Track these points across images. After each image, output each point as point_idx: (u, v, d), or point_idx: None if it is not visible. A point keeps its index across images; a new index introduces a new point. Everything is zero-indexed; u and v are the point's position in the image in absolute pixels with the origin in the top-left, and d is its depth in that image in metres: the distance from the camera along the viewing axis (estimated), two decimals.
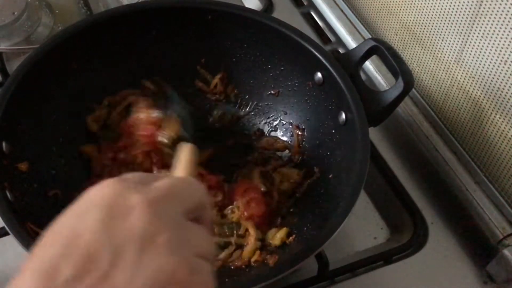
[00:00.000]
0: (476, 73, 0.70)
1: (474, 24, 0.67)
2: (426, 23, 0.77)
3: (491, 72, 0.67)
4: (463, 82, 0.73)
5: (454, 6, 0.70)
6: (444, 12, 0.72)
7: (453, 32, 0.72)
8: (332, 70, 0.67)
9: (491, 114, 0.70)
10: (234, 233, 0.67)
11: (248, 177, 0.73)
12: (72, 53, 0.71)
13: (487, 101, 0.70)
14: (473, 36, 0.68)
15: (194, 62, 0.79)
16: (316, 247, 0.57)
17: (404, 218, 0.74)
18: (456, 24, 0.71)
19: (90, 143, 0.73)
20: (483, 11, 0.65)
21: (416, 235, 0.72)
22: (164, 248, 0.35)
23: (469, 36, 0.69)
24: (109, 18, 0.73)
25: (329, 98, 0.70)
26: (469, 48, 0.70)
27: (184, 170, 0.48)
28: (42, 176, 0.66)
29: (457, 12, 0.70)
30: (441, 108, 0.79)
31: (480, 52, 0.68)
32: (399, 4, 0.82)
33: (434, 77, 0.79)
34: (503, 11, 0.62)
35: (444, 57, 0.76)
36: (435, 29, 0.75)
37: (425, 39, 0.78)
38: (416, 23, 0.79)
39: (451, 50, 0.73)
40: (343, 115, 0.67)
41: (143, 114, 0.72)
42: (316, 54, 0.69)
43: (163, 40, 0.76)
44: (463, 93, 0.74)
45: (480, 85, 0.70)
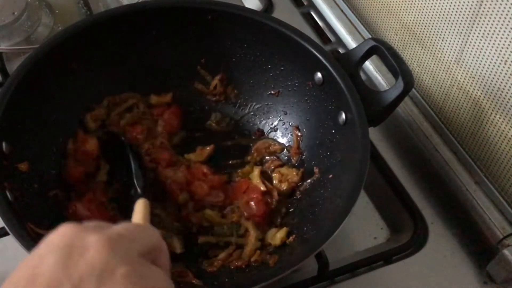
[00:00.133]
0: (476, 73, 0.70)
1: (474, 24, 0.67)
2: (426, 23, 0.77)
3: (491, 72, 0.67)
4: (463, 82, 0.73)
5: (454, 6, 0.70)
6: (444, 12, 0.72)
7: (453, 32, 0.72)
8: (332, 70, 0.67)
9: (491, 114, 0.70)
10: (234, 233, 0.67)
11: (248, 176, 0.73)
12: (72, 53, 0.71)
13: (487, 101, 0.70)
14: (473, 36, 0.68)
15: (194, 62, 0.79)
16: (316, 247, 0.57)
17: (404, 218, 0.74)
18: (456, 24, 0.71)
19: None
20: (483, 11, 0.65)
21: (416, 235, 0.72)
22: (123, 280, 0.37)
23: (469, 36, 0.69)
24: (109, 18, 0.73)
25: (329, 98, 0.70)
26: (469, 48, 0.70)
27: (140, 220, 0.52)
28: (42, 176, 0.66)
29: (457, 12, 0.70)
30: (441, 108, 0.79)
31: (480, 52, 0.68)
32: (399, 4, 0.82)
33: (434, 77, 0.79)
34: (503, 11, 0.62)
35: (444, 57, 0.76)
36: (435, 29, 0.75)
37: (425, 39, 0.78)
38: (416, 23, 0.79)
39: (451, 50, 0.73)
40: (343, 115, 0.67)
41: None
42: (316, 54, 0.69)
43: (163, 40, 0.76)
44: (463, 93, 0.74)
45: (480, 85, 0.70)
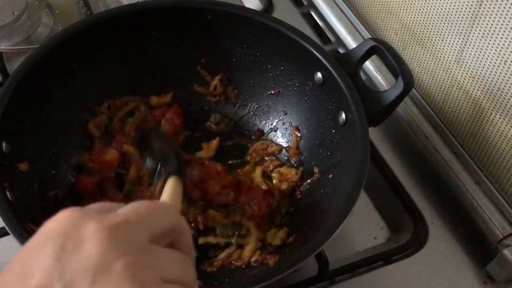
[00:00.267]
0: (476, 73, 0.70)
1: (474, 24, 0.67)
2: (426, 23, 0.77)
3: (491, 72, 0.67)
4: (463, 82, 0.73)
5: (454, 6, 0.70)
6: (444, 12, 0.72)
7: (453, 32, 0.72)
8: (332, 70, 0.67)
9: (491, 114, 0.70)
10: (235, 233, 0.67)
11: (249, 175, 0.73)
12: (72, 53, 0.71)
13: (487, 101, 0.70)
14: (473, 36, 0.68)
15: (194, 62, 0.79)
16: (316, 247, 0.57)
17: (404, 218, 0.74)
18: (456, 24, 0.71)
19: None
20: (483, 11, 0.65)
21: (416, 235, 0.71)
22: (120, 275, 0.34)
23: (469, 36, 0.69)
24: (109, 18, 0.73)
25: (329, 98, 0.70)
26: (469, 48, 0.70)
27: (168, 199, 0.47)
28: (42, 176, 0.66)
29: (457, 12, 0.70)
30: (441, 108, 0.79)
31: (480, 52, 0.68)
32: (399, 4, 0.82)
33: (434, 77, 0.79)
34: (503, 11, 0.62)
35: (444, 57, 0.76)
36: (435, 29, 0.75)
37: (425, 39, 0.78)
38: (416, 23, 0.79)
39: (451, 50, 0.73)
40: (343, 115, 0.67)
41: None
42: (316, 54, 0.69)
43: (163, 40, 0.76)
44: (463, 93, 0.74)
45: (480, 85, 0.70)
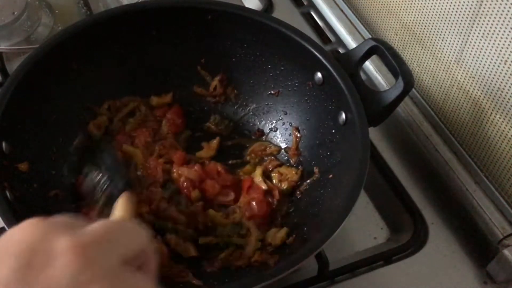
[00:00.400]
0: (476, 73, 0.70)
1: (474, 24, 0.67)
2: (426, 23, 0.77)
3: (491, 72, 0.67)
4: (463, 82, 0.73)
5: (454, 6, 0.70)
6: (444, 12, 0.72)
7: (453, 32, 0.72)
8: (332, 70, 0.67)
9: (491, 114, 0.70)
10: (235, 233, 0.67)
11: (250, 175, 0.73)
12: (72, 53, 0.71)
13: (487, 101, 0.70)
14: (473, 36, 0.68)
15: (194, 62, 0.79)
16: (316, 247, 0.57)
17: (404, 218, 0.74)
18: (456, 24, 0.71)
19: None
20: (483, 11, 0.65)
21: (416, 235, 0.71)
22: None
23: (469, 36, 0.69)
24: (109, 18, 0.73)
25: (329, 98, 0.70)
26: (469, 48, 0.70)
27: (122, 215, 0.44)
28: (42, 176, 0.66)
29: (457, 12, 0.70)
30: (441, 108, 0.79)
31: (480, 52, 0.68)
32: (399, 4, 0.82)
33: (434, 77, 0.79)
34: (503, 11, 0.62)
35: (444, 57, 0.76)
36: (435, 29, 0.75)
37: (425, 39, 0.78)
38: (416, 23, 0.79)
39: (451, 50, 0.73)
40: (343, 115, 0.67)
41: None
42: (316, 54, 0.69)
43: (163, 40, 0.76)
44: (463, 93, 0.74)
45: (480, 85, 0.70)
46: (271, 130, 0.78)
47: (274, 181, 0.72)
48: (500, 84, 0.67)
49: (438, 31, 0.75)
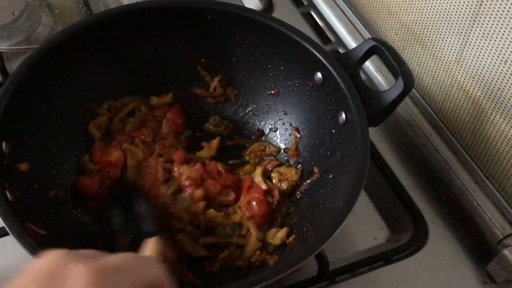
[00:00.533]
0: (476, 73, 0.70)
1: (474, 24, 0.67)
2: (426, 23, 0.77)
3: (491, 72, 0.67)
4: (463, 82, 0.73)
5: (454, 6, 0.70)
6: (444, 12, 0.72)
7: (453, 32, 0.72)
8: (332, 70, 0.67)
9: (491, 114, 0.70)
10: (235, 233, 0.67)
11: (250, 174, 0.73)
12: (72, 53, 0.71)
13: (487, 101, 0.70)
14: (473, 36, 0.68)
15: (194, 62, 0.79)
16: (316, 247, 0.57)
17: (404, 218, 0.74)
18: (456, 24, 0.71)
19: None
20: (483, 11, 0.65)
21: (416, 235, 0.72)
22: None
23: (469, 36, 0.69)
24: (109, 18, 0.73)
25: (329, 98, 0.70)
26: (469, 48, 0.70)
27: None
28: (42, 176, 0.66)
29: (457, 12, 0.70)
30: (441, 108, 0.79)
31: (480, 52, 0.68)
32: (399, 4, 0.82)
33: (434, 77, 0.79)
34: (503, 11, 0.62)
35: (444, 57, 0.76)
36: (435, 29, 0.75)
37: (425, 39, 0.78)
38: (416, 23, 0.79)
39: (451, 50, 0.73)
40: (343, 115, 0.67)
41: None
42: (316, 54, 0.69)
43: (163, 40, 0.76)
44: (463, 93, 0.74)
45: (480, 85, 0.70)
46: (271, 130, 0.78)
47: (274, 181, 0.73)
48: (500, 84, 0.67)
49: (438, 31, 0.75)
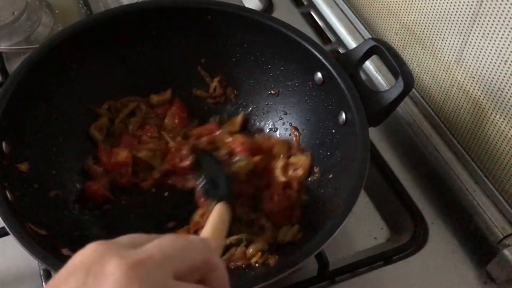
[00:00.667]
0: (476, 73, 0.70)
1: (474, 24, 0.67)
2: (426, 23, 0.77)
3: (491, 72, 0.67)
4: (463, 82, 0.73)
5: (454, 6, 0.70)
6: (444, 12, 0.72)
7: (453, 32, 0.72)
8: (332, 70, 0.67)
9: (491, 114, 0.70)
10: (247, 230, 0.67)
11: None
12: (72, 53, 0.71)
13: (487, 101, 0.70)
14: (473, 36, 0.68)
15: (194, 62, 0.79)
16: (316, 247, 0.57)
17: (404, 218, 0.74)
18: (456, 24, 0.71)
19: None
20: (483, 11, 0.65)
21: (416, 235, 0.71)
22: None
23: (469, 36, 0.69)
24: (109, 18, 0.73)
25: (329, 98, 0.70)
26: (469, 48, 0.70)
27: (211, 228, 0.49)
28: (42, 176, 0.66)
29: (457, 12, 0.70)
30: (441, 108, 0.79)
31: (480, 52, 0.68)
32: (399, 4, 0.82)
33: (434, 77, 0.79)
34: (503, 11, 0.62)
35: (444, 57, 0.76)
36: (435, 29, 0.75)
37: (425, 39, 0.78)
38: (416, 23, 0.79)
39: (451, 50, 0.73)
40: (343, 115, 0.67)
41: None
42: (316, 54, 0.69)
43: (163, 40, 0.76)
44: (463, 93, 0.74)
45: (480, 85, 0.70)
46: (271, 130, 0.78)
47: (289, 172, 0.72)
48: (500, 84, 0.67)
49: (438, 31, 0.75)
